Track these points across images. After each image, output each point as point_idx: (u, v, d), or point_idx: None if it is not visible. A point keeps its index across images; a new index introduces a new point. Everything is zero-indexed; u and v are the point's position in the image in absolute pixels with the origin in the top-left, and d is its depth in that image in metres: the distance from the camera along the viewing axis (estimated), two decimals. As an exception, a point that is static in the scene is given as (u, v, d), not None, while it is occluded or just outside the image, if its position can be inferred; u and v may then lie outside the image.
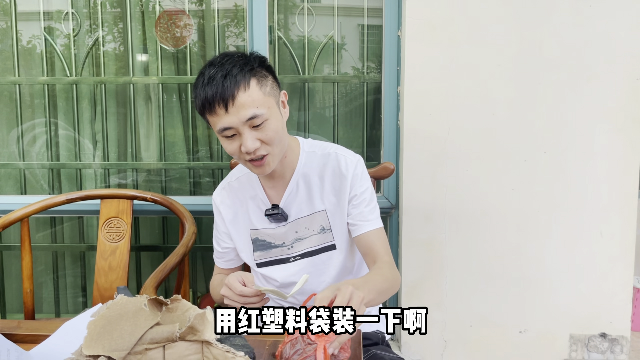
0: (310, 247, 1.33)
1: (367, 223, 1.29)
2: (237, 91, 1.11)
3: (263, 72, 1.17)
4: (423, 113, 1.89)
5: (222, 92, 1.10)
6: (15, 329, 1.09)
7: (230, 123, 1.13)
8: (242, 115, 1.12)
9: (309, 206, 1.31)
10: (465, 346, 1.97)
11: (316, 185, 1.31)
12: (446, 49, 1.86)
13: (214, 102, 1.11)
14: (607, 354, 1.95)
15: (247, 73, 1.13)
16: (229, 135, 1.15)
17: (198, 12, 2.21)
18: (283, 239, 1.34)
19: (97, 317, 0.75)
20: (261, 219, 1.35)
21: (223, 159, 2.25)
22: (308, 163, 1.32)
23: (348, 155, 1.33)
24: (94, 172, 2.28)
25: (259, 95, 1.14)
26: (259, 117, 1.13)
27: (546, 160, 1.89)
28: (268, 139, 1.16)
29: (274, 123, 1.17)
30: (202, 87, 1.13)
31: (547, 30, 1.84)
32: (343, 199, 1.30)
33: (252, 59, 1.17)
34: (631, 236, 1.91)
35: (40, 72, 2.23)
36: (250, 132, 1.14)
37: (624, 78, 1.84)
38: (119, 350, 0.71)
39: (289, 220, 1.32)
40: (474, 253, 1.94)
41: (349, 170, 1.30)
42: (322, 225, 1.32)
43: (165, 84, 2.22)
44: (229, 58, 1.15)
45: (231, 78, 1.11)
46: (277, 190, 1.33)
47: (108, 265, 1.84)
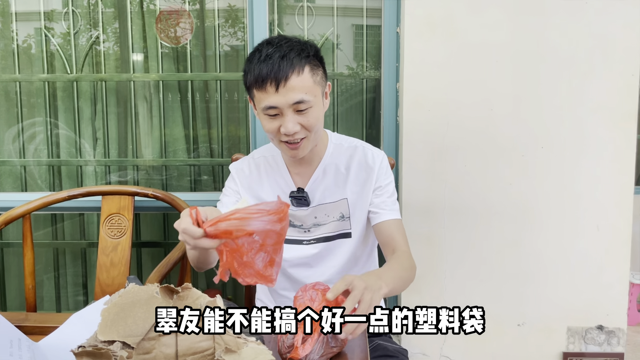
0: (327, 232, 1.37)
1: (389, 212, 1.34)
2: (291, 73, 1.14)
3: (316, 62, 1.21)
4: (422, 109, 1.91)
5: (276, 72, 1.14)
6: (23, 321, 1.10)
7: (277, 102, 1.16)
8: (290, 97, 1.15)
9: (332, 194, 1.35)
10: (464, 339, 2.00)
11: (341, 175, 1.36)
12: (445, 45, 1.88)
13: (266, 80, 1.14)
14: (604, 346, 1.98)
15: (304, 59, 1.17)
16: (272, 114, 1.18)
17: (197, 9, 2.23)
18: (302, 221, 1.38)
19: (110, 304, 0.76)
20: (284, 199, 1.37)
21: (224, 156, 2.27)
22: (335, 154, 1.37)
23: (374, 150, 1.39)
24: (94, 169, 2.29)
25: (310, 82, 1.18)
26: (305, 102, 1.17)
27: (543, 155, 1.91)
28: (308, 125, 1.20)
29: (316, 111, 1.21)
30: (258, 63, 1.16)
31: (545, 26, 1.86)
32: (367, 188, 1.35)
33: (309, 46, 1.21)
34: (627, 229, 1.93)
35: (40, 70, 2.24)
36: (293, 115, 1.18)
37: (620, 74, 1.87)
38: (133, 336, 0.72)
39: (311, 205, 1.36)
40: (472, 247, 1.96)
41: (376, 162, 1.35)
42: (342, 212, 1.36)
43: (165, 81, 2.23)
44: (287, 41, 1.19)
45: (288, 60, 1.14)
46: (302, 177, 1.37)
47: (110, 261, 1.85)
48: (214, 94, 2.25)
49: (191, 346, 0.77)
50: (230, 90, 2.27)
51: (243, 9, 2.19)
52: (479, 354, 2.00)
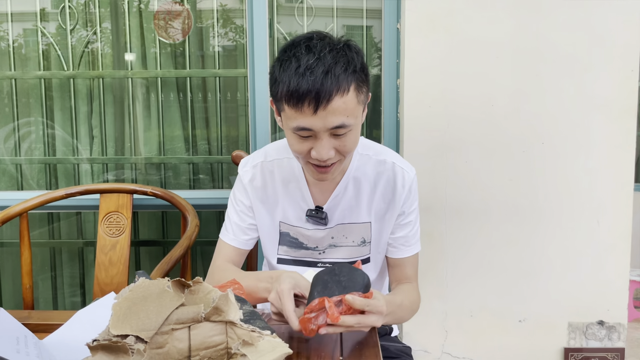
0: (344, 258, 1.24)
1: (408, 249, 1.25)
2: (335, 94, 0.95)
3: (363, 77, 1.02)
4: (423, 105, 1.90)
5: (318, 91, 0.94)
6: (26, 319, 1.08)
7: (313, 126, 0.98)
8: (329, 121, 0.97)
9: (354, 214, 1.21)
10: (465, 336, 1.99)
11: (366, 193, 1.20)
12: (445, 41, 1.87)
13: (304, 98, 0.95)
14: (605, 341, 1.98)
15: (350, 75, 0.98)
16: (304, 135, 1.01)
17: (196, 5, 2.21)
18: (317, 242, 1.23)
19: (121, 299, 0.75)
20: (299, 217, 1.22)
21: (222, 153, 2.25)
22: (361, 167, 1.20)
23: (406, 168, 1.22)
24: (91, 167, 2.26)
25: (353, 104, 0.99)
26: (345, 127, 0.99)
27: (544, 151, 1.92)
28: (345, 150, 1.04)
29: (355, 134, 1.04)
30: (296, 75, 0.96)
31: (545, 22, 1.86)
32: (392, 214, 1.21)
33: (356, 56, 1.01)
34: (627, 225, 1.94)
35: (36, 67, 2.21)
36: (329, 139, 1.01)
37: (619, 69, 1.87)
38: (146, 330, 0.71)
39: (329, 226, 1.21)
40: (473, 243, 1.96)
41: (405, 186, 1.20)
42: (364, 237, 1.22)
43: (163, 78, 2.21)
44: (330, 48, 0.98)
45: (333, 77, 0.95)
46: (323, 190, 1.21)
47: (108, 260, 1.83)
48: (213, 92, 2.23)
49: (204, 340, 0.76)
50: (229, 87, 2.25)
51: (241, 9, 2.18)
52: (480, 350, 2.00)
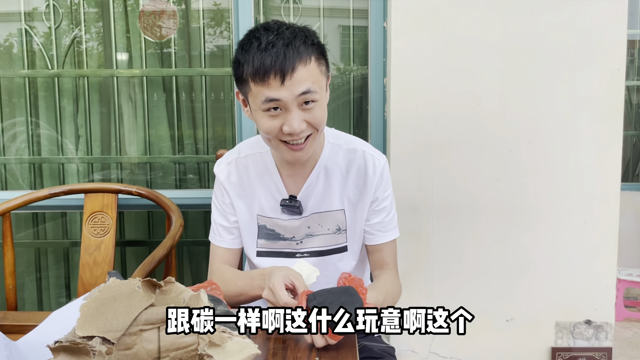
0: (321, 246, 1.26)
1: (385, 234, 1.26)
2: (298, 64, 1.02)
3: (321, 50, 1.09)
4: (409, 104, 1.89)
5: (282, 62, 1.00)
6: (1, 320, 1.07)
7: (281, 96, 1.02)
8: (297, 88, 1.02)
9: (327, 202, 1.23)
10: (453, 336, 1.98)
11: (338, 181, 1.23)
12: (432, 40, 1.87)
13: (270, 71, 1.01)
14: (592, 341, 1.98)
15: (310, 47, 1.05)
16: (273, 107, 1.05)
17: (182, 3, 2.19)
18: (294, 232, 1.26)
19: (90, 299, 0.74)
20: (274, 208, 1.25)
21: (209, 153, 2.24)
22: (332, 156, 1.23)
23: (376, 155, 1.25)
24: (77, 167, 2.24)
25: (317, 73, 1.06)
26: (312, 93, 1.04)
27: (531, 150, 1.91)
28: (315, 122, 1.08)
29: (322, 106, 1.09)
30: (258, 52, 1.01)
31: (531, 21, 1.86)
32: (365, 200, 1.24)
33: (312, 34, 1.08)
34: (614, 224, 1.94)
35: (20, 66, 2.19)
36: (299, 111, 1.05)
37: (605, 68, 1.87)
38: (113, 331, 0.69)
39: (303, 215, 1.24)
40: (460, 243, 1.95)
41: (376, 172, 1.23)
42: (339, 225, 1.25)
43: (149, 77, 2.19)
44: (287, 27, 1.05)
45: (294, 49, 1.01)
46: (296, 180, 1.23)
47: (93, 260, 1.81)
48: (199, 91, 2.22)
49: (174, 341, 0.74)
50: (216, 87, 2.24)
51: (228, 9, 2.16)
52: (468, 350, 1.99)
